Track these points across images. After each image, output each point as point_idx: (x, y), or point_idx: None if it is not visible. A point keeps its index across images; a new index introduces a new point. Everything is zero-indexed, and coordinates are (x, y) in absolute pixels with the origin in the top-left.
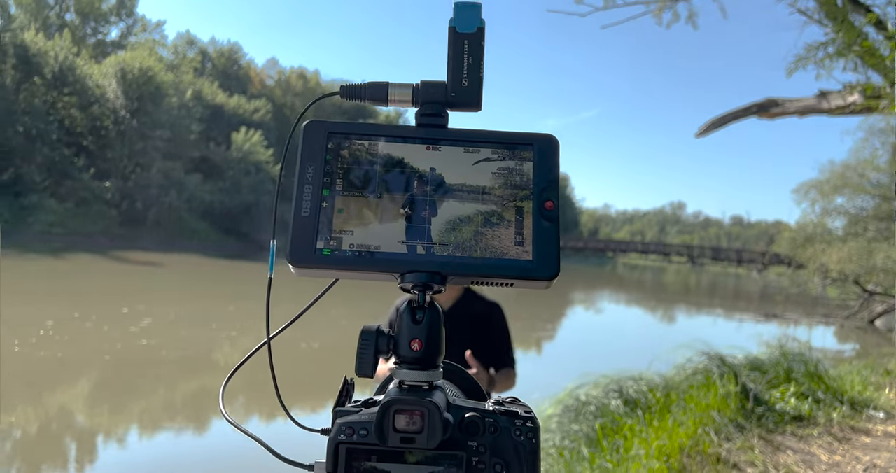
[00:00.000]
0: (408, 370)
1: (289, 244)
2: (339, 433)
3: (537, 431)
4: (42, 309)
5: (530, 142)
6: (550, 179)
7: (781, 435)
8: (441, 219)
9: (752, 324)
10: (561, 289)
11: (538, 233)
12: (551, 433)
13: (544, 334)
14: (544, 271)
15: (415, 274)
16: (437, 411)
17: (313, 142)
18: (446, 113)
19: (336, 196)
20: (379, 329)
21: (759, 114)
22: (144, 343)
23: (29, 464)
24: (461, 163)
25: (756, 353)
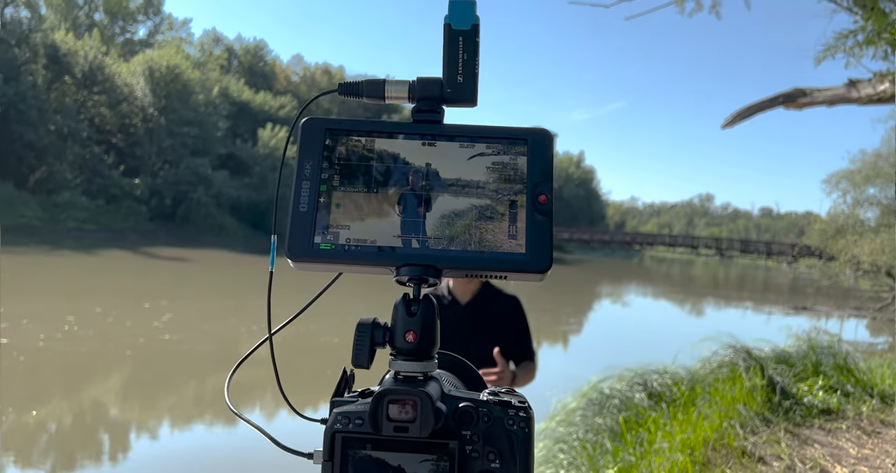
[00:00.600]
0: (403, 361)
1: (287, 239)
2: (336, 422)
3: (530, 421)
4: (65, 304)
5: (524, 137)
6: (544, 173)
7: (809, 429)
8: (436, 214)
9: (781, 317)
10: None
11: (531, 227)
12: (575, 426)
13: (570, 327)
14: (537, 264)
15: (409, 268)
16: (429, 401)
17: (311, 139)
18: (442, 109)
19: (333, 191)
20: (375, 321)
21: (785, 104)
22: (167, 338)
23: (50, 457)
24: (456, 159)
25: (783, 346)
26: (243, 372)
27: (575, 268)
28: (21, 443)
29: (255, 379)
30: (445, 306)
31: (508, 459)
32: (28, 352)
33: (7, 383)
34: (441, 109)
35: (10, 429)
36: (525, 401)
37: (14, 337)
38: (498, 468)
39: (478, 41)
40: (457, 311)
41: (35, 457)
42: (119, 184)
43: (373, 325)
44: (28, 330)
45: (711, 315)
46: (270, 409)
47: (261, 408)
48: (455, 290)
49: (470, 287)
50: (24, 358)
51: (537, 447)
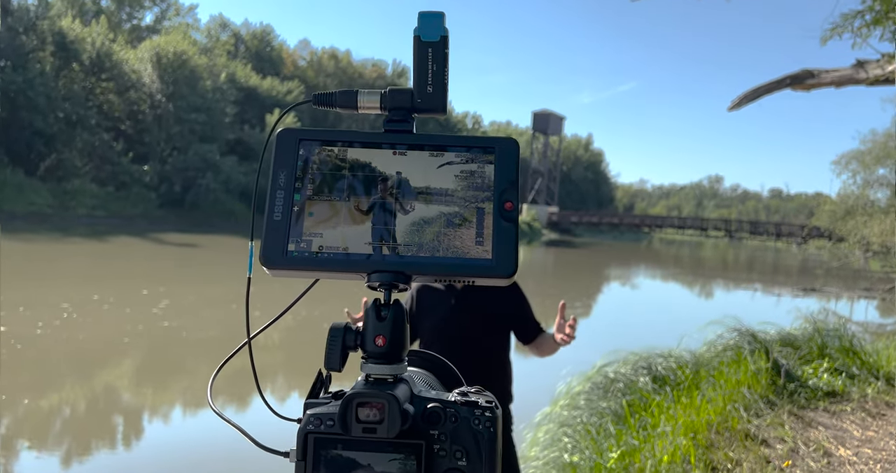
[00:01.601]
0: (373, 364)
1: (262, 246)
2: (308, 423)
3: (496, 420)
4: (67, 291)
5: (492, 146)
6: (510, 181)
7: (813, 411)
8: (406, 221)
9: (790, 299)
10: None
11: (497, 233)
12: (579, 410)
13: (577, 311)
14: (503, 269)
15: (380, 274)
16: (396, 403)
17: (285, 149)
18: (412, 118)
19: (306, 200)
20: (346, 325)
21: (793, 85)
22: (166, 324)
23: (42, 443)
24: (426, 167)
25: (789, 329)
26: (237, 364)
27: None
28: (10, 431)
29: (248, 371)
30: (443, 292)
31: (475, 457)
32: (25, 340)
33: (2, 370)
34: (412, 119)
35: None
36: (492, 401)
37: (12, 325)
38: (465, 466)
39: (447, 52)
40: (454, 295)
41: (25, 443)
42: (128, 171)
43: (345, 329)
44: (26, 317)
45: (720, 297)
46: (252, 407)
47: (241, 406)
48: None
49: None
50: (21, 346)
51: (541, 430)
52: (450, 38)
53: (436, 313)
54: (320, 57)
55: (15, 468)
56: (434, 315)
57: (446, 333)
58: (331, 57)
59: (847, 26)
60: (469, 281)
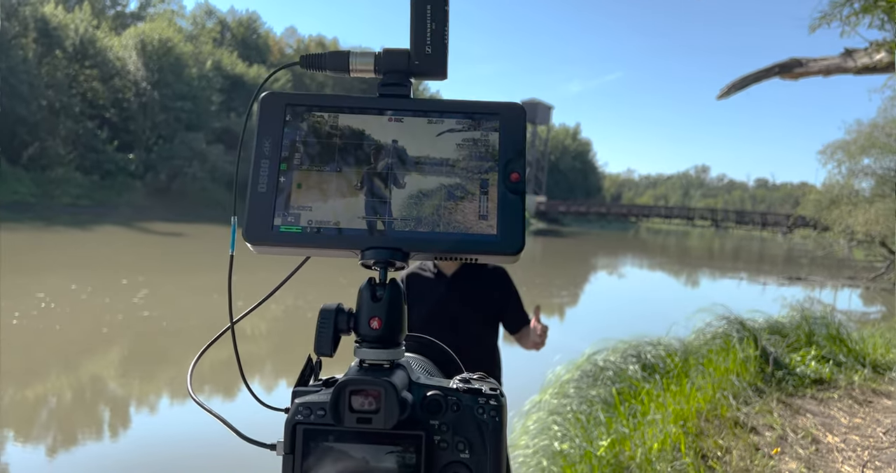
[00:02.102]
0: (368, 348)
1: (245, 221)
2: (297, 413)
3: (502, 409)
4: (40, 280)
5: (496, 112)
6: (516, 150)
7: (801, 399)
8: (403, 194)
9: (775, 288)
10: (583, 255)
11: (503, 207)
12: (569, 398)
13: (565, 299)
14: (509, 246)
15: (375, 251)
16: (393, 391)
17: (270, 114)
18: (409, 82)
19: (294, 170)
20: (339, 307)
21: (781, 74)
22: (146, 314)
23: (20, 434)
24: (424, 135)
25: (777, 317)
26: (223, 353)
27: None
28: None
29: (224, 362)
30: (433, 280)
31: (479, 449)
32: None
33: None
34: (409, 83)
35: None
36: (497, 388)
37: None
38: (468, 458)
39: (447, 9)
40: (444, 284)
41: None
42: (113, 160)
43: (336, 311)
44: (2, 307)
45: (706, 286)
46: (248, 393)
47: (239, 392)
48: (440, 264)
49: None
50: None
51: (531, 419)
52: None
53: (426, 301)
54: (307, 45)
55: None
56: (424, 303)
57: (436, 322)
58: (318, 45)
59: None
60: (472, 259)
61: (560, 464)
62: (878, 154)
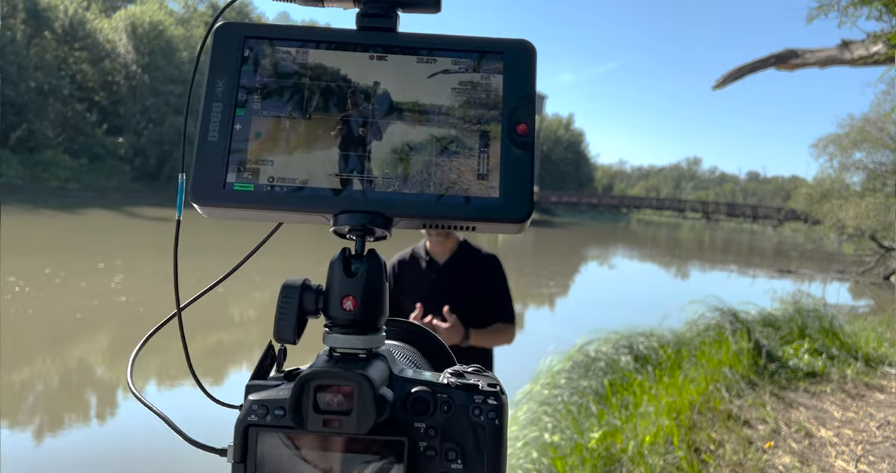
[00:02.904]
0: (339, 334)
1: (192, 177)
2: (250, 412)
3: (502, 408)
4: (15, 263)
5: (500, 50)
6: (524, 96)
7: (794, 392)
8: (385, 147)
9: (765, 280)
10: (574, 245)
11: (508, 164)
12: (560, 389)
13: (556, 289)
14: (514, 211)
15: (350, 215)
16: (369, 387)
17: (226, 49)
18: (396, 14)
19: (252, 116)
20: (305, 283)
21: (777, 65)
22: (123, 299)
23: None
24: (413, 77)
25: (770, 309)
26: (211, 335)
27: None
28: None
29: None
30: (424, 266)
31: (473, 458)
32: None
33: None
34: (395, 14)
35: None
36: (496, 384)
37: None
38: (460, 469)
39: None
40: (436, 271)
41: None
42: (102, 143)
43: (302, 288)
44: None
45: (696, 277)
46: (230, 385)
47: (222, 383)
48: (432, 250)
49: (448, 245)
50: None
51: (521, 410)
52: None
53: (416, 289)
54: None
55: None
56: (415, 292)
57: (428, 308)
58: None
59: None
60: (469, 227)
61: (550, 456)
62: (869, 148)
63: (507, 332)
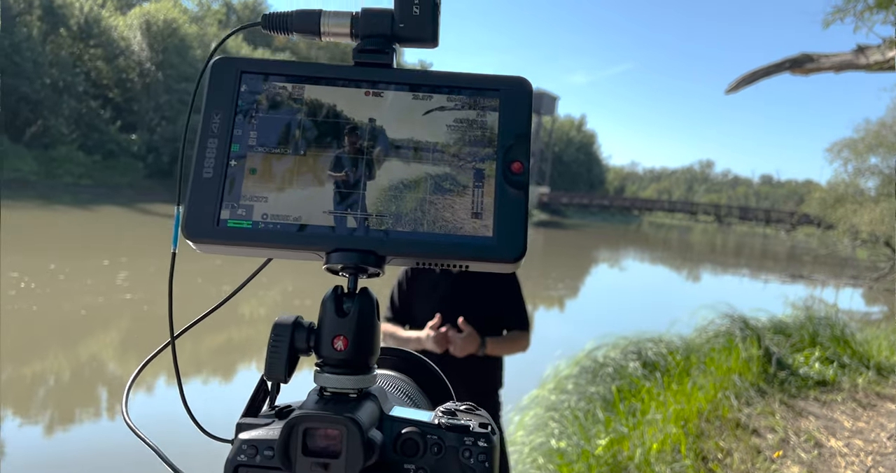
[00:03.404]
0: (330, 374)
1: (185, 212)
2: (240, 452)
3: (493, 450)
4: (17, 260)
5: (496, 88)
6: (520, 134)
7: (804, 401)
8: (380, 184)
9: (777, 285)
10: (584, 247)
11: (502, 203)
12: (567, 394)
13: (566, 293)
14: (507, 251)
15: (342, 254)
16: (357, 431)
17: (222, 84)
18: (392, 49)
19: (248, 152)
20: (297, 321)
21: (792, 69)
22: (128, 297)
23: None
24: (408, 113)
25: (781, 316)
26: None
27: (573, 233)
28: None
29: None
30: (437, 273)
31: None
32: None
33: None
34: (391, 50)
35: None
36: (488, 424)
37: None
38: None
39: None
40: (449, 278)
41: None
42: (116, 140)
43: (293, 326)
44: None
45: (708, 282)
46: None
47: (229, 386)
48: None
49: None
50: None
51: (528, 415)
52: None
53: (431, 296)
54: None
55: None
56: (429, 298)
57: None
58: None
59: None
60: (462, 266)
61: (557, 462)
62: (885, 153)
63: (522, 340)
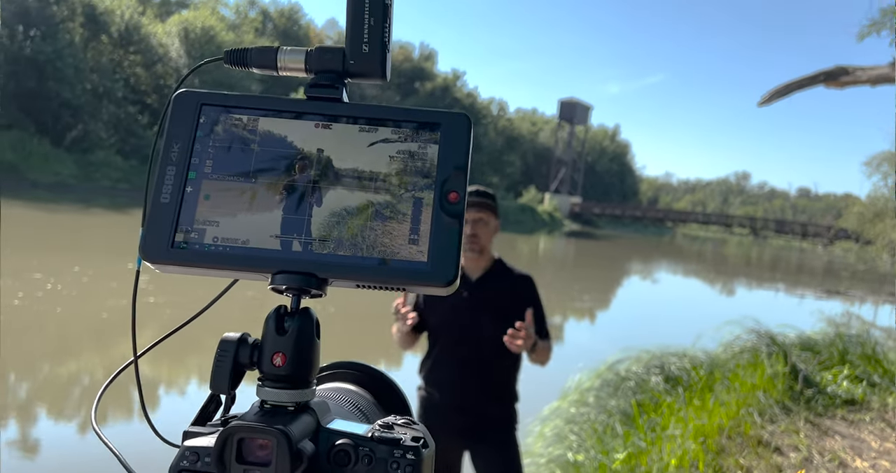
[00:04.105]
0: (270, 388)
1: (143, 235)
2: (182, 458)
3: (420, 464)
4: (62, 261)
5: (438, 122)
6: (457, 166)
7: (830, 420)
8: (325, 211)
9: (813, 301)
10: (616, 258)
11: (437, 231)
12: (588, 407)
13: (593, 304)
14: (439, 276)
15: (286, 276)
16: (285, 442)
17: (182, 115)
18: (343, 85)
19: (203, 179)
20: (242, 337)
21: (826, 82)
22: (151, 301)
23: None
24: (354, 145)
25: (809, 332)
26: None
27: (604, 243)
28: None
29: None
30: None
31: None
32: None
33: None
34: (341, 85)
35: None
36: (421, 438)
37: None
38: None
39: (388, 4)
40: (467, 287)
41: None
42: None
43: (238, 343)
44: (7, 286)
45: (742, 295)
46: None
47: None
48: (465, 266)
49: (480, 263)
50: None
51: (548, 426)
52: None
53: (445, 306)
54: None
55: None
56: (443, 308)
57: (455, 328)
58: None
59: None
60: (397, 288)
61: None
62: None
63: (548, 352)
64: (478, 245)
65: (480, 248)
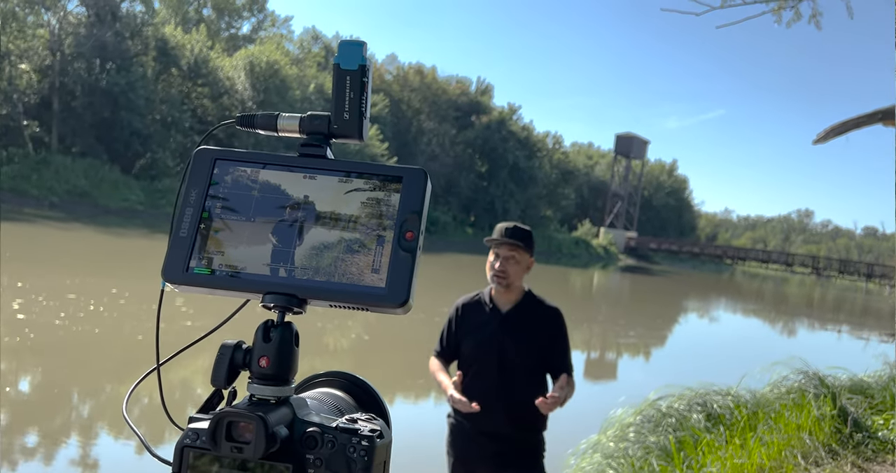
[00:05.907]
0: (256, 384)
1: (165, 261)
2: (186, 437)
3: (373, 450)
4: (108, 283)
5: (400, 175)
6: (414, 211)
7: (880, 465)
8: (307, 245)
9: (877, 344)
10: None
11: (394, 262)
12: (627, 442)
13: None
14: (394, 298)
15: (273, 296)
16: (263, 425)
17: (200, 167)
18: (328, 144)
19: (214, 219)
20: (237, 344)
21: (884, 121)
22: (189, 324)
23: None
24: (334, 192)
25: (862, 375)
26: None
27: (660, 279)
28: None
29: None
30: (487, 311)
31: None
32: (39, 329)
33: (6, 358)
34: (326, 144)
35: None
36: (377, 430)
37: (30, 314)
38: None
39: (364, 81)
40: (498, 319)
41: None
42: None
43: (234, 348)
44: (49, 307)
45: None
46: None
47: None
48: (496, 298)
49: (510, 297)
50: (35, 335)
51: (586, 460)
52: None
53: (478, 333)
54: (406, 72)
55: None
56: (476, 335)
57: (485, 354)
58: (416, 72)
59: None
60: (362, 308)
61: None
62: None
63: (573, 387)
64: (505, 279)
65: (508, 283)
